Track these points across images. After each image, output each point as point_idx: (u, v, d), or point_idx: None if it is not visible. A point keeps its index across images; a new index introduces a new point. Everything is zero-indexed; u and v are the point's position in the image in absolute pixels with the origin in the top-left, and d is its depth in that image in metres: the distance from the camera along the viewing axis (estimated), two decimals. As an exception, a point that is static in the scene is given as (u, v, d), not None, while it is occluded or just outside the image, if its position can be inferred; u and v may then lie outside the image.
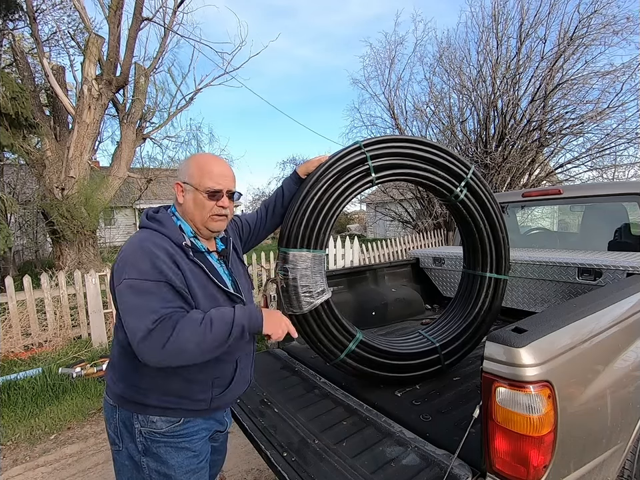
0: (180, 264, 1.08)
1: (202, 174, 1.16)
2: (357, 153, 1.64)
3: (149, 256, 1.03)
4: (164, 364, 1.00)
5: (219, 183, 1.17)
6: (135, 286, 1.00)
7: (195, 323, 1.00)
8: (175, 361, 1.00)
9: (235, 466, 2.39)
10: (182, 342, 0.97)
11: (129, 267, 1.03)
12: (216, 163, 1.21)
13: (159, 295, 1.01)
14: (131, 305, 1.00)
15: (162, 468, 1.13)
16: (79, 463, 2.53)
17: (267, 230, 1.61)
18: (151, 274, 1.01)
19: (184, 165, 1.23)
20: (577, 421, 1.14)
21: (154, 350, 0.97)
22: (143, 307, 0.99)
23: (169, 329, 0.97)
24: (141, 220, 1.20)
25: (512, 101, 8.27)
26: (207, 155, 1.27)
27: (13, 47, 6.77)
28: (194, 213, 1.18)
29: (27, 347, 4.10)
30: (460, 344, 1.92)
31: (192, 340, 0.98)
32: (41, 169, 6.54)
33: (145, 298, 0.99)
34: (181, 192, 1.20)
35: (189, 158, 1.25)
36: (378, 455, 1.34)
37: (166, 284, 1.02)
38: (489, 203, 1.90)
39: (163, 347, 0.96)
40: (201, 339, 0.99)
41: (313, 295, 1.59)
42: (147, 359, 0.99)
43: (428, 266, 3.30)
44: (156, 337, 0.96)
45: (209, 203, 1.17)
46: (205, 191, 1.16)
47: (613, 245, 2.75)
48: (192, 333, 0.98)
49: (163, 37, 7.82)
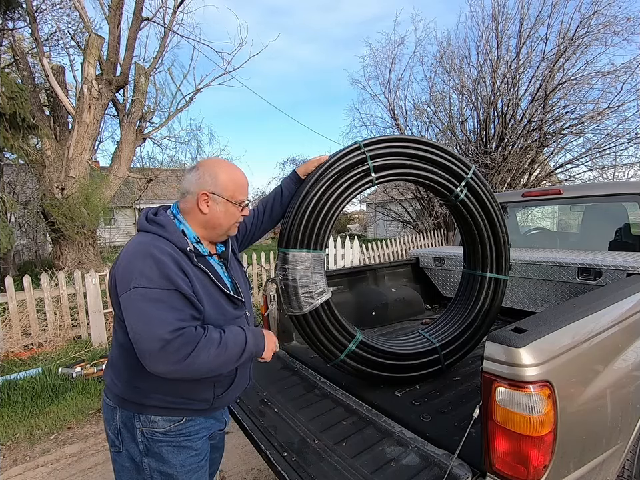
0: (185, 269, 1.07)
1: (235, 187, 1.19)
2: (356, 153, 1.63)
3: (157, 263, 1.02)
4: (173, 375, 1.00)
5: (246, 194, 1.25)
6: (146, 295, 0.99)
7: (215, 344, 1.03)
8: (186, 375, 1.01)
9: (234, 466, 2.39)
10: (200, 360, 0.99)
11: (137, 274, 1.00)
12: (241, 174, 1.24)
13: (171, 304, 1.01)
14: (144, 313, 0.98)
15: (164, 467, 1.13)
16: (78, 463, 2.53)
17: (263, 229, 1.59)
18: (160, 282, 1.00)
19: (208, 173, 1.16)
20: (576, 421, 1.14)
21: (170, 362, 0.97)
22: (157, 317, 0.98)
23: (190, 344, 0.98)
24: (140, 222, 1.15)
25: (512, 100, 8.27)
26: (232, 164, 1.26)
27: (13, 47, 6.76)
28: (222, 224, 1.20)
29: (26, 346, 4.10)
30: (460, 344, 1.91)
31: (209, 360, 1.01)
32: (41, 168, 6.54)
33: (158, 307, 0.99)
34: (205, 201, 1.15)
35: (213, 166, 1.18)
36: (378, 455, 1.34)
37: (175, 292, 1.02)
38: (490, 202, 1.90)
39: (181, 360, 0.97)
40: (216, 359, 1.03)
41: (312, 295, 1.59)
42: (159, 369, 0.98)
43: (428, 266, 3.30)
44: (174, 349, 0.96)
45: (239, 214, 1.23)
46: (239, 204, 1.21)
47: (613, 245, 2.75)
48: (210, 354, 1.01)
49: (162, 37, 7.82)
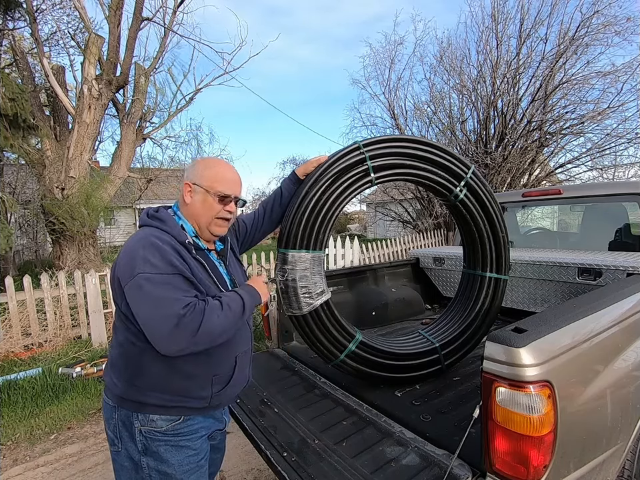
0: (186, 258, 1.10)
1: (215, 178, 1.19)
2: (356, 153, 1.63)
3: (158, 250, 1.05)
4: (191, 349, 1.03)
5: (230, 189, 1.21)
6: (152, 279, 1.01)
7: (218, 308, 1.07)
8: (202, 345, 1.05)
9: (234, 466, 2.39)
10: (212, 326, 1.03)
11: (140, 261, 1.02)
12: (229, 169, 1.25)
13: (177, 286, 1.04)
14: (153, 297, 1.01)
15: (162, 467, 1.13)
16: (78, 462, 2.53)
17: (264, 231, 1.60)
18: (163, 267, 1.03)
19: (195, 167, 1.23)
20: (577, 421, 1.13)
21: (187, 336, 1.00)
22: (167, 298, 1.01)
23: (199, 315, 1.02)
24: (141, 219, 1.20)
25: (512, 100, 8.27)
26: (220, 160, 1.29)
27: (13, 47, 6.77)
28: (200, 214, 1.20)
29: (27, 346, 4.10)
30: (460, 344, 1.92)
31: (219, 323, 1.05)
32: (41, 168, 6.54)
33: (166, 288, 1.02)
34: (189, 192, 1.20)
35: (201, 160, 1.26)
36: (378, 454, 1.34)
37: (179, 275, 1.06)
38: (489, 202, 1.90)
39: (196, 332, 1.00)
40: (225, 321, 1.07)
41: (312, 295, 1.59)
42: (177, 346, 1.01)
43: (428, 266, 3.30)
44: (188, 323, 1.00)
45: (217, 206, 1.20)
46: (216, 194, 1.19)
47: (613, 245, 2.75)
48: (219, 317, 1.05)
49: (162, 37, 7.82)
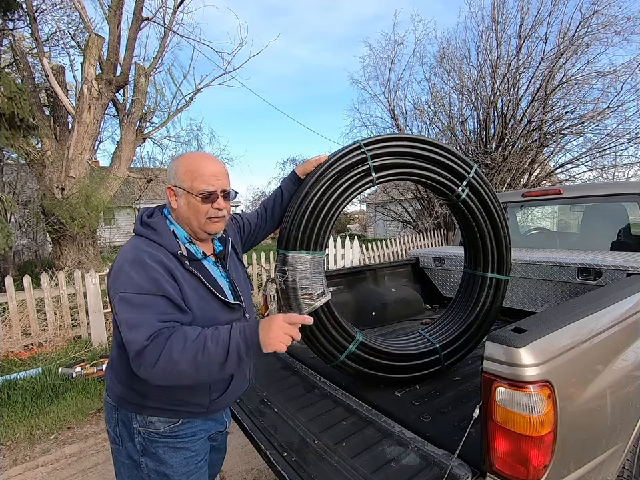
0: (176, 275, 1.03)
1: (193, 176, 1.08)
2: (356, 153, 1.62)
3: (144, 269, 0.99)
4: (158, 382, 0.96)
5: (212, 184, 1.09)
6: (129, 300, 0.96)
7: (188, 340, 0.93)
8: (168, 380, 0.95)
9: (234, 466, 2.39)
10: (174, 359, 0.91)
11: (122, 279, 0.98)
12: (206, 162, 1.11)
13: (155, 308, 0.97)
14: (126, 318, 0.96)
15: (160, 468, 1.13)
16: (78, 462, 2.53)
17: (266, 231, 1.58)
18: (145, 287, 0.97)
19: (172, 167, 1.13)
20: (576, 420, 1.13)
21: (147, 367, 0.92)
22: (138, 321, 0.95)
23: (160, 344, 0.92)
24: (135, 225, 1.14)
25: (512, 101, 8.27)
26: (195, 153, 1.16)
27: (13, 47, 6.77)
28: (190, 218, 1.11)
29: (26, 346, 4.10)
30: (460, 344, 1.91)
31: (184, 358, 0.91)
32: (41, 168, 6.54)
33: (140, 311, 0.95)
34: (173, 196, 1.12)
35: (176, 159, 1.15)
36: (378, 455, 1.33)
37: (162, 297, 0.98)
38: (492, 202, 1.88)
39: (154, 364, 0.91)
40: (193, 357, 0.91)
41: (312, 297, 1.58)
42: (142, 375, 0.96)
43: (428, 266, 3.30)
44: (149, 353, 0.91)
45: (204, 207, 1.09)
46: (199, 194, 1.08)
47: (613, 245, 2.75)
48: (184, 349, 0.91)
49: (162, 37, 7.82)
